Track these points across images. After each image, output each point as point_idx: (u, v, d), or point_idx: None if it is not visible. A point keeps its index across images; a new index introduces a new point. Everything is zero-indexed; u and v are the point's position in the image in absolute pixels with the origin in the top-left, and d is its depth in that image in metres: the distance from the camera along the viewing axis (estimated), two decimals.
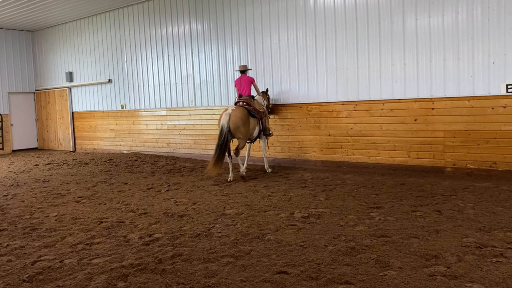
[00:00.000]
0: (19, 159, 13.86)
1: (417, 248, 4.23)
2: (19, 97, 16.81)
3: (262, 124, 8.97)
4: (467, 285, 3.39)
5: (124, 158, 12.49)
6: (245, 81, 9.14)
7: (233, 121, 8.19)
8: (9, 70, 16.32)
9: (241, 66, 9.38)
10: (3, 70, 16.15)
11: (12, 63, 16.41)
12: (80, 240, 4.95)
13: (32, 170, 11.21)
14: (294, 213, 5.75)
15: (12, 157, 14.64)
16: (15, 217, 6.17)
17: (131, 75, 13.60)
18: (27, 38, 16.81)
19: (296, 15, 9.78)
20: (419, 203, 6.04)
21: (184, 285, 3.60)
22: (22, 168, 11.64)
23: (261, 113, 8.95)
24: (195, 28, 11.73)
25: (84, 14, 14.30)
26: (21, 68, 16.71)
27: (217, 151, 8.07)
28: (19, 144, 16.82)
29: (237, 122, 8.22)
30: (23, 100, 16.97)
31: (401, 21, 8.40)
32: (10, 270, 4.09)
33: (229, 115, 8.21)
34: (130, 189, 8.07)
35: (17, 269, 4.12)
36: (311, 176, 8.56)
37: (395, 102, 8.60)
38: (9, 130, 16.29)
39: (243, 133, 8.35)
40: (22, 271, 4.05)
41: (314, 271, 3.77)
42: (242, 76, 9.24)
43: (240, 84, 9.15)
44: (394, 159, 8.68)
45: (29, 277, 3.88)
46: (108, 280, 3.75)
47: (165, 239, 4.87)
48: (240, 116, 8.29)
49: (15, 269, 4.11)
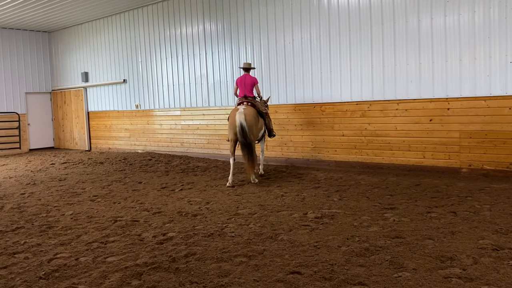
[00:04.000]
0: (36, 158, 14.07)
1: (432, 250, 4.18)
2: (36, 97, 17.07)
3: (266, 125, 8.78)
4: None
5: (139, 158, 12.60)
6: (249, 81, 8.66)
7: (248, 120, 7.92)
8: (26, 70, 16.59)
9: (246, 64, 8.91)
10: (21, 70, 16.41)
11: (29, 64, 16.67)
12: (95, 239, 5.00)
13: (49, 169, 11.37)
14: (308, 214, 5.73)
15: (29, 156, 14.87)
16: (32, 215, 6.27)
17: (146, 75, 13.70)
18: (44, 39, 17.06)
19: (310, 15, 9.75)
20: (434, 204, 5.98)
21: (197, 284, 3.62)
22: (38, 167, 11.81)
23: (264, 114, 8.71)
24: (209, 28, 11.77)
25: (99, 15, 14.46)
26: (38, 69, 16.97)
27: (246, 151, 7.78)
28: (36, 143, 17.08)
29: (251, 120, 7.99)
30: (40, 100, 17.22)
31: (416, 20, 8.31)
32: (27, 267, 4.15)
33: (243, 113, 7.91)
34: (144, 188, 8.14)
35: (34, 266, 4.18)
36: (324, 176, 8.53)
37: (410, 102, 8.52)
38: (26, 129, 16.55)
39: (255, 133, 8.17)
40: (38, 268, 4.11)
41: (328, 272, 3.75)
42: (246, 76, 8.74)
43: (245, 84, 8.63)
44: (409, 159, 8.60)
45: (45, 274, 3.93)
46: (123, 278, 3.79)
47: (178, 238, 4.89)
48: (253, 115, 8.11)
49: (32, 266, 4.17)
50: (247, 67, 8.89)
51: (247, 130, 7.80)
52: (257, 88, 8.81)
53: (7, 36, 15.96)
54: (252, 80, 8.72)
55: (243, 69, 8.92)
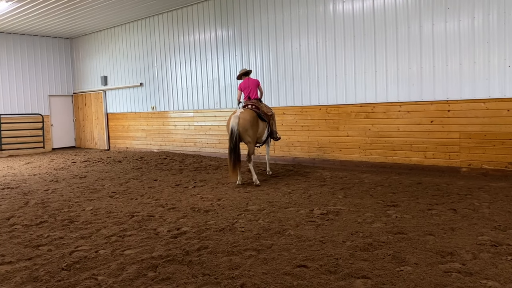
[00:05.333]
0: (58, 156, 14.20)
1: (433, 245, 4.14)
2: (58, 100, 17.23)
3: (269, 128, 8.38)
4: (482, 282, 3.31)
5: (154, 157, 12.66)
6: (253, 83, 8.40)
7: (242, 124, 7.60)
8: (49, 74, 16.76)
9: (244, 70, 8.59)
10: (44, 74, 16.59)
11: (53, 68, 16.84)
12: (114, 233, 5.04)
13: (70, 167, 11.47)
14: (314, 210, 5.72)
15: (52, 154, 15.02)
16: (54, 210, 6.33)
17: (161, 79, 13.76)
18: (66, 45, 17.22)
19: (316, 21, 9.72)
20: (435, 202, 5.92)
21: (209, 276, 3.62)
22: (61, 165, 11.92)
23: (269, 117, 8.36)
24: (220, 34, 11.79)
25: (117, 22, 14.55)
26: (61, 73, 17.13)
27: (231, 156, 7.50)
28: (58, 143, 17.24)
29: (245, 125, 7.64)
30: (62, 102, 17.38)
31: (418, 26, 8.25)
32: (50, 259, 4.19)
33: (238, 117, 7.61)
34: (159, 185, 8.17)
35: (57, 258, 4.22)
36: (330, 175, 8.49)
37: (412, 104, 8.46)
38: (49, 129, 16.71)
39: (252, 136, 7.78)
40: (61, 260, 4.14)
41: (333, 265, 3.74)
42: (248, 79, 8.47)
43: (249, 87, 8.37)
44: (411, 159, 8.53)
45: (67, 266, 3.97)
46: (139, 270, 3.81)
47: (192, 233, 4.90)
48: (249, 119, 7.70)
49: (55, 258, 4.21)
50: (247, 72, 8.61)
51: (236, 134, 7.54)
52: (260, 88, 8.59)
53: (32, 43, 16.14)
54: (255, 81, 8.47)
55: (243, 75, 8.58)
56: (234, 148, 7.54)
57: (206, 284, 3.48)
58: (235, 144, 7.55)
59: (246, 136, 7.73)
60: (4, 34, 15.42)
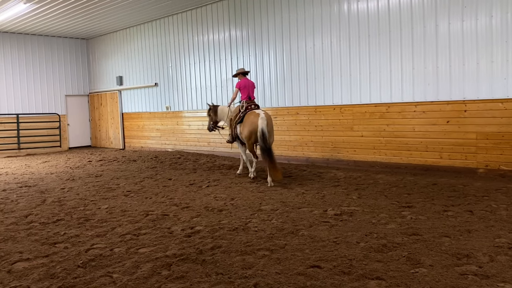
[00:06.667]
0: (75, 155, 14.41)
1: (449, 247, 4.09)
2: (74, 99, 17.48)
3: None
4: (499, 285, 3.25)
5: (169, 156, 12.75)
6: (251, 84, 8.59)
7: (270, 125, 7.85)
8: (66, 74, 17.02)
9: (242, 69, 8.76)
10: (61, 74, 16.85)
11: (69, 68, 17.09)
12: (128, 231, 5.09)
13: (86, 166, 11.62)
14: (327, 211, 5.69)
15: (68, 154, 15.24)
16: (71, 208, 6.42)
17: (176, 79, 13.86)
18: (82, 45, 17.46)
19: (330, 21, 9.67)
20: (451, 203, 5.84)
21: (222, 275, 3.63)
22: (77, 164, 12.09)
23: None
24: (234, 34, 11.82)
25: (133, 23, 14.70)
26: (77, 73, 17.38)
27: (268, 157, 7.52)
28: (75, 142, 17.49)
29: (272, 126, 7.96)
30: (78, 102, 17.63)
31: (434, 25, 8.15)
32: (67, 256, 4.25)
33: (265, 119, 7.71)
34: (174, 184, 8.23)
35: (73, 255, 4.28)
36: (344, 175, 8.44)
37: (428, 104, 8.36)
38: (66, 129, 16.96)
39: (273, 137, 8.10)
40: (77, 258, 4.20)
41: (346, 266, 3.72)
42: (246, 79, 8.63)
43: (248, 87, 8.50)
44: (426, 159, 8.43)
45: (83, 263, 4.02)
46: (153, 268, 3.84)
47: (205, 232, 4.93)
48: (271, 121, 8.08)
49: (71, 256, 4.27)
50: (246, 72, 8.79)
51: (267, 136, 7.61)
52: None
53: (49, 43, 16.41)
54: (252, 83, 8.69)
55: (242, 74, 8.71)
56: (268, 148, 7.56)
57: (219, 283, 3.49)
58: (268, 144, 7.58)
59: (271, 138, 7.88)
60: (23, 35, 15.71)
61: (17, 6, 11.63)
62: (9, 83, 15.45)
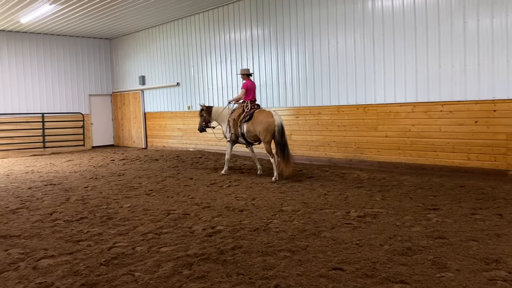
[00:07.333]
0: (98, 154, 14.70)
1: (477, 251, 3.99)
2: (98, 99, 17.83)
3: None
4: None
5: (190, 155, 12.86)
6: (255, 87, 9.15)
7: (283, 123, 8.35)
8: (90, 74, 17.38)
9: (248, 70, 9.23)
10: (85, 74, 17.22)
11: (93, 68, 17.45)
12: (150, 230, 5.16)
13: (109, 164, 11.84)
14: (350, 212, 5.64)
15: (91, 152, 15.56)
16: (94, 207, 6.56)
17: (197, 79, 13.97)
18: (106, 45, 17.79)
19: (354, 18, 9.57)
20: (479, 206, 5.70)
21: (243, 276, 3.65)
22: (100, 162, 12.33)
23: None
24: (256, 33, 11.83)
25: (155, 22, 14.90)
26: (100, 73, 17.73)
27: (285, 151, 8.09)
28: (98, 141, 17.84)
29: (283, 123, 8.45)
30: (101, 101, 17.98)
31: (462, 22, 7.96)
32: (90, 254, 4.35)
33: (279, 116, 8.33)
34: (195, 184, 8.30)
35: (95, 253, 4.37)
36: (367, 176, 8.35)
37: (455, 103, 8.18)
38: (89, 128, 17.32)
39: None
40: (99, 256, 4.29)
41: (370, 269, 3.67)
42: (251, 81, 9.16)
43: (253, 89, 9.07)
44: (453, 161, 8.25)
45: (105, 261, 4.10)
46: (175, 268, 3.89)
47: (226, 232, 4.95)
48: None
49: (94, 254, 4.36)
50: (251, 73, 9.32)
51: (284, 130, 8.21)
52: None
53: (73, 44, 16.79)
54: (255, 84, 9.29)
55: (247, 75, 9.19)
56: (285, 142, 8.16)
57: (240, 283, 3.51)
58: (285, 139, 8.18)
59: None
60: (48, 36, 16.12)
61: (43, 7, 11.95)
62: (35, 83, 15.88)
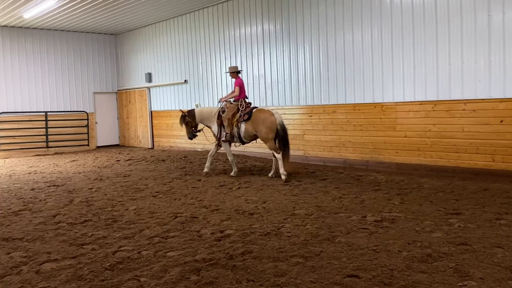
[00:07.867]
0: (103, 154, 14.83)
1: (502, 259, 3.94)
2: (102, 97, 17.99)
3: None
4: None
5: (198, 156, 12.91)
6: (244, 84, 9.44)
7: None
8: (94, 71, 17.54)
9: (236, 68, 9.53)
10: (89, 71, 17.38)
11: (97, 65, 17.62)
12: (157, 233, 5.19)
13: (114, 165, 11.94)
14: (367, 217, 5.61)
15: (96, 152, 15.71)
16: (98, 209, 6.62)
17: (206, 76, 14.02)
18: (111, 41, 17.95)
19: (371, 13, 9.52)
20: (505, 211, 5.63)
21: (254, 282, 3.65)
22: (105, 163, 12.44)
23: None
24: (267, 28, 11.83)
25: (161, 17, 14.98)
26: (105, 69, 17.89)
27: (287, 146, 8.58)
28: (103, 140, 18.00)
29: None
30: (106, 99, 18.14)
31: (486, 15, 7.87)
32: (94, 258, 4.39)
33: (279, 115, 8.76)
34: (203, 185, 8.33)
35: (100, 257, 4.41)
36: (385, 178, 8.29)
37: (479, 102, 8.08)
38: (94, 127, 17.49)
39: None
40: (104, 260, 4.32)
41: (387, 277, 3.65)
42: (241, 78, 9.43)
43: (243, 87, 9.36)
44: (476, 162, 8.16)
45: (110, 266, 4.13)
46: (182, 273, 3.90)
47: (236, 236, 4.96)
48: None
49: (98, 258, 4.40)
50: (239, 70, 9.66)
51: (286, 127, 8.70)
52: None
53: (77, 39, 16.96)
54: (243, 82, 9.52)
55: (236, 73, 9.51)
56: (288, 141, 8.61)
57: None
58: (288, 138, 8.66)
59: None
60: (51, 31, 16.31)
61: (46, 2, 12.09)
62: (38, 80, 16.08)
